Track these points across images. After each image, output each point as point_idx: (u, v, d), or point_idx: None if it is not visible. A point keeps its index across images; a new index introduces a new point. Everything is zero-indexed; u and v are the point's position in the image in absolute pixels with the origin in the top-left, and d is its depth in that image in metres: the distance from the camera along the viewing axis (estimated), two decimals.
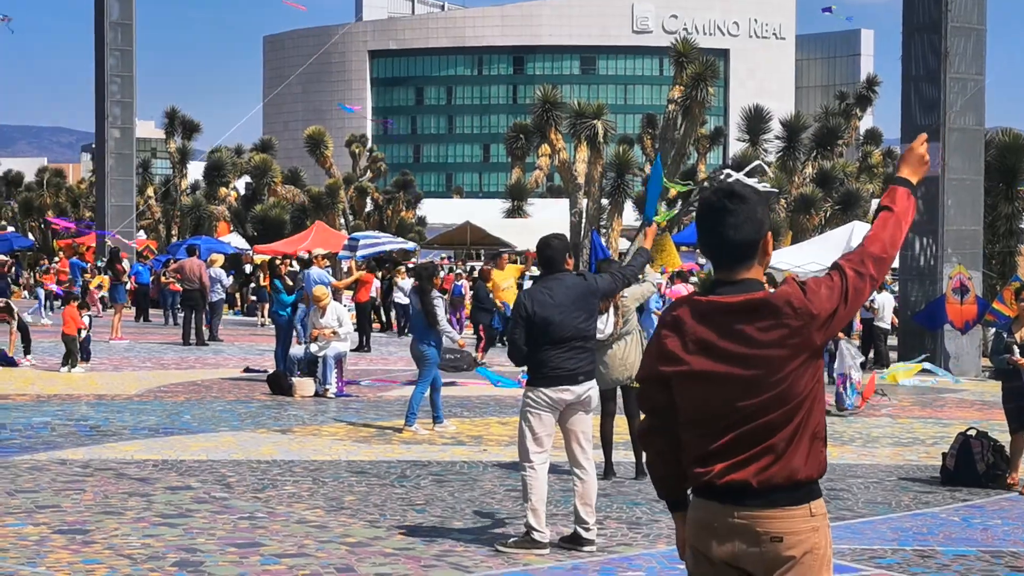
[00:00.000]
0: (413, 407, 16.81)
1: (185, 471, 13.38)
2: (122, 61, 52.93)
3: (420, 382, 17.00)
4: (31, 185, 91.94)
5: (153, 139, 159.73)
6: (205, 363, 26.38)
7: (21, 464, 13.53)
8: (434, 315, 16.87)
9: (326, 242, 44.90)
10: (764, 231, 4.59)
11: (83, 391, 20.77)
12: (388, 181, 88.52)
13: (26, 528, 10.43)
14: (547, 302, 10.17)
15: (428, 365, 16.89)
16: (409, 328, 19.92)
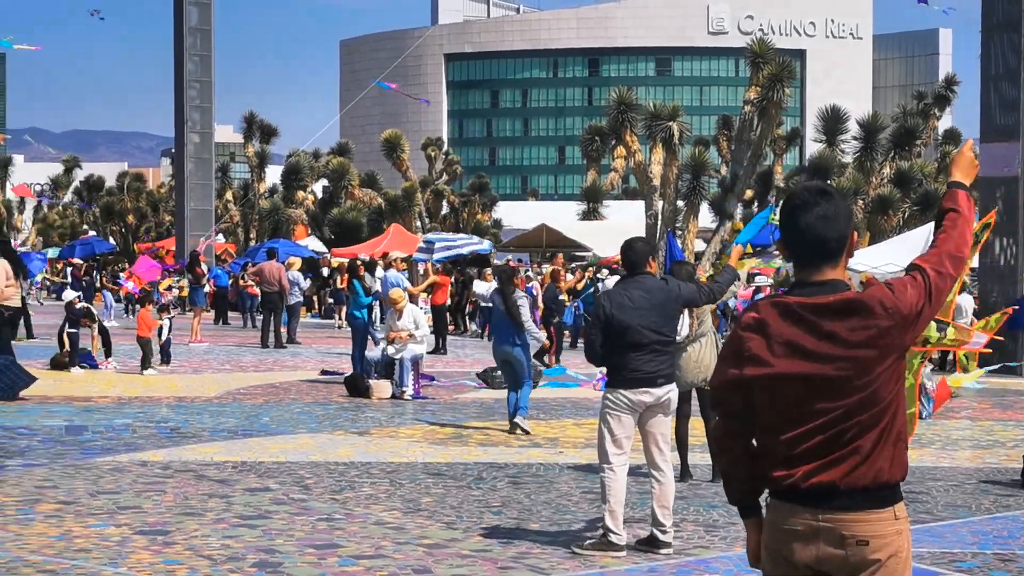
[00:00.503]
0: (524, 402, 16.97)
1: (264, 473, 13.49)
2: (201, 66, 53.45)
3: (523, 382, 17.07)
4: (112, 189, 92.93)
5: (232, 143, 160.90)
6: (283, 365, 26.57)
7: (103, 465, 13.69)
8: (518, 316, 16.92)
9: (402, 245, 45.13)
10: (851, 229, 4.60)
11: (163, 393, 20.99)
12: (464, 184, 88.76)
13: (108, 529, 10.56)
14: (626, 305, 10.19)
15: (521, 365, 16.97)
16: (491, 330, 20.02)
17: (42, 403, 19.23)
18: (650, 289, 10.26)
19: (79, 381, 22.56)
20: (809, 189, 4.64)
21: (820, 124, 62.78)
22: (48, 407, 18.81)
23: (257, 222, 72.50)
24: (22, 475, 13.00)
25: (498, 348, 17.30)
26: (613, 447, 10.19)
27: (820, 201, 4.57)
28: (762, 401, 4.56)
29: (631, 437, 10.27)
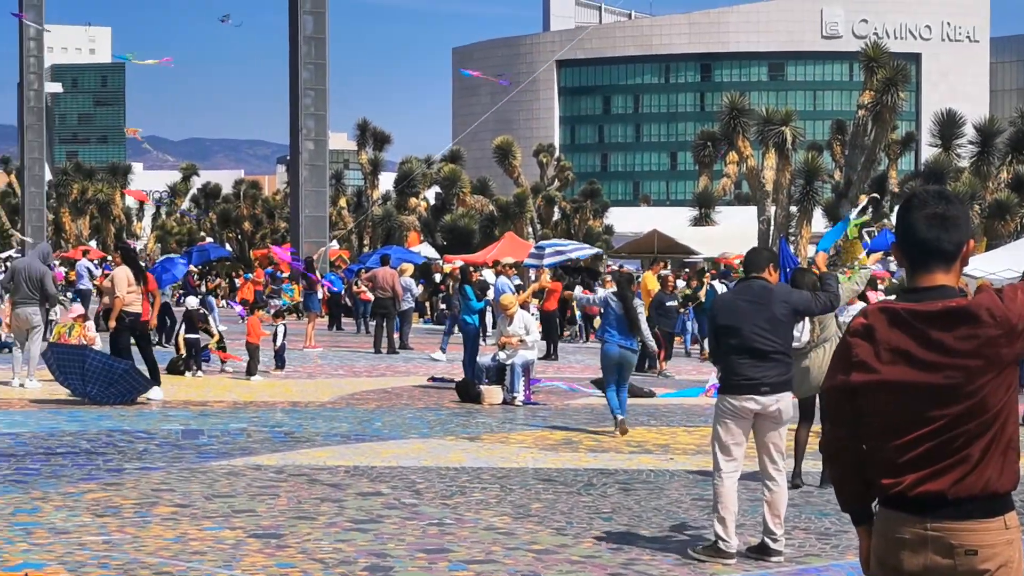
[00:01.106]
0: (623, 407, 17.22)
1: (376, 477, 13.60)
2: (315, 75, 53.99)
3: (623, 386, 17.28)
4: (228, 197, 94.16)
5: (345, 151, 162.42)
6: (396, 371, 26.75)
7: (218, 469, 13.89)
8: (637, 320, 17.09)
9: (514, 251, 45.20)
10: (968, 235, 4.55)
11: (278, 398, 21.23)
12: (575, 190, 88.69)
13: (223, 532, 10.71)
14: (731, 309, 10.21)
15: (631, 368, 17.19)
16: (601, 333, 20.04)
17: (159, 407, 19.55)
18: (758, 295, 10.23)
19: (196, 386, 22.90)
20: (927, 192, 4.61)
21: (935, 128, 61.97)
22: (165, 411, 19.12)
23: (370, 228, 73.08)
24: (139, 478, 13.23)
25: (611, 350, 17.37)
26: (722, 454, 10.17)
27: (937, 204, 4.53)
28: (869, 408, 4.53)
29: (742, 444, 10.23)
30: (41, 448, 15.20)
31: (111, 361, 19.84)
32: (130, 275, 21.49)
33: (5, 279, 23.13)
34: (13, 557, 9.68)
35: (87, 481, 12.99)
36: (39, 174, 77.73)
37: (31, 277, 21.75)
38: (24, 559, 9.62)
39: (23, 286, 21.69)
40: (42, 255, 23.08)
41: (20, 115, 78.86)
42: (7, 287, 22.79)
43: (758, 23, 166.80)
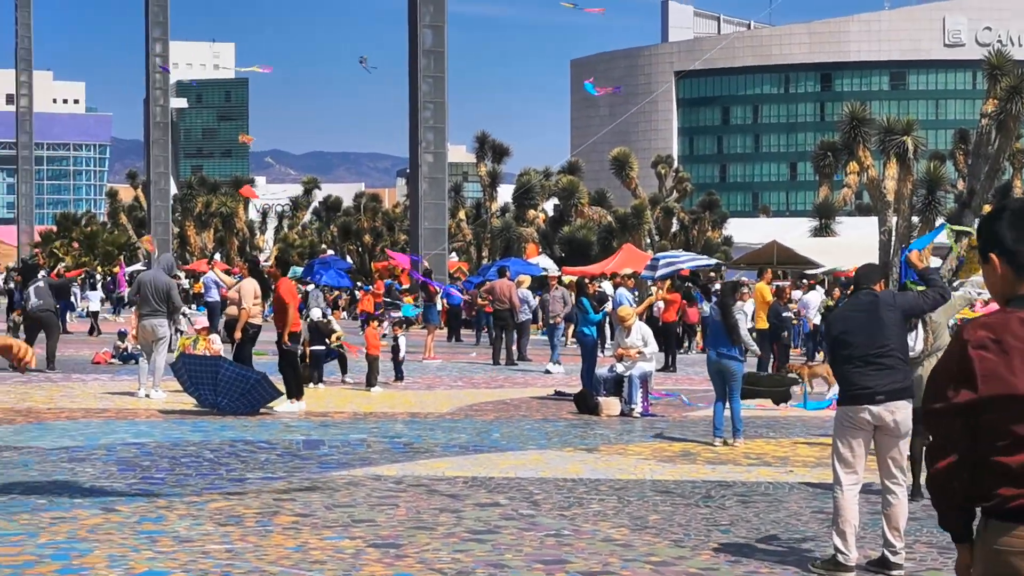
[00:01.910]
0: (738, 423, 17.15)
1: (494, 488, 13.66)
2: (435, 88, 54.34)
3: (733, 397, 17.27)
4: (349, 210, 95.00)
5: (464, 163, 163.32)
6: (514, 382, 26.84)
7: (338, 479, 14.04)
8: (736, 329, 17.15)
9: (632, 262, 45.16)
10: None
11: (398, 409, 21.40)
12: (694, 201, 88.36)
13: (343, 542, 10.83)
14: (844, 320, 10.21)
15: (735, 378, 17.19)
16: (706, 344, 20.03)
17: (282, 417, 19.80)
18: (867, 304, 10.19)
19: (318, 397, 23.14)
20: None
21: None
22: (288, 421, 19.35)
23: (489, 240, 73.37)
24: (261, 488, 13.41)
25: (713, 360, 17.52)
26: (842, 466, 10.10)
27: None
28: (995, 423, 4.45)
29: (861, 456, 10.15)
30: (166, 458, 15.46)
31: (244, 372, 20.13)
32: (257, 288, 21.82)
33: (132, 292, 23.59)
34: (139, 565, 9.86)
35: (210, 490, 13.20)
36: (165, 188, 79.07)
37: (157, 289, 22.15)
38: (149, 567, 9.81)
39: (150, 298, 22.10)
40: (167, 266, 23.49)
41: (147, 130, 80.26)
42: (134, 300, 23.22)
43: (879, 32, 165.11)
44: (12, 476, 13.84)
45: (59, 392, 23.17)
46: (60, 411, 20.21)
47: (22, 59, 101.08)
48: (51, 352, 27.42)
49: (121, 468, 14.57)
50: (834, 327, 10.34)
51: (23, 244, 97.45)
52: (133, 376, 26.22)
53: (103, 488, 13.25)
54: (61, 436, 17.24)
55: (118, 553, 10.24)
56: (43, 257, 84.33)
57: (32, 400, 21.69)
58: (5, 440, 16.69)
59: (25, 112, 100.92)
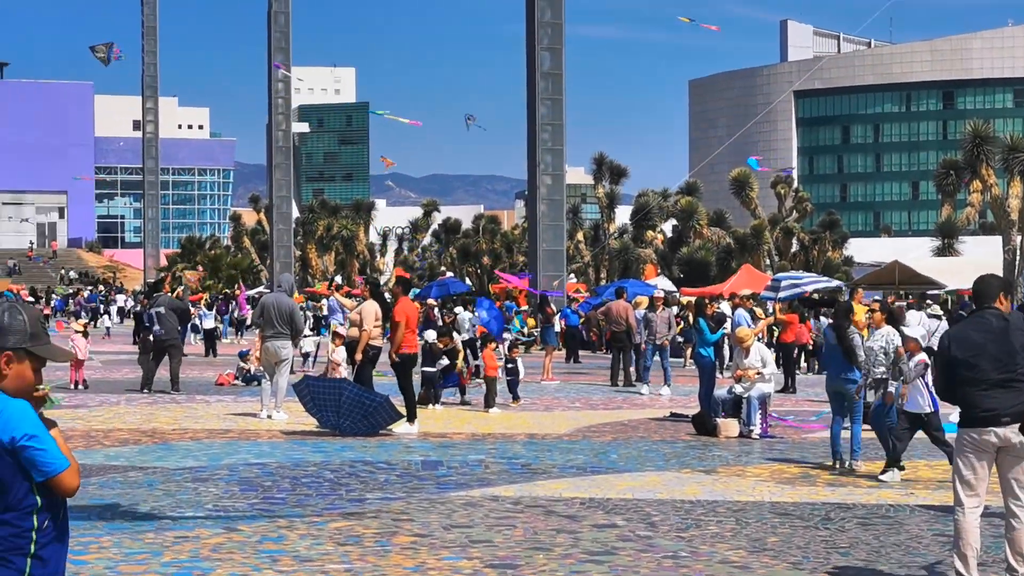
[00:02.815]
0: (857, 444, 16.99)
1: (611, 509, 13.66)
2: (553, 110, 54.46)
3: (854, 420, 17.12)
4: (468, 232, 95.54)
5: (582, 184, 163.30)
6: (632, 403, 26.80)
7: (456, 500, 14.12)
8: (853, 351, 17.01)
9: (750, 283, 44.91)
10: None
11: (516, 430, 21.46)
12: (814, 221, 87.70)
13: (460, 562, 10.90)
14: (965, 341, 9.94)
15: (853, 400, 17.06)
16: (821, 365, 19.89)
17: (401, 438, 19.95)
18: (993, 325, 9.95)
19: (437, 418, 23.30)
20: None
21: None
22: (406, 443, 19.50)
23: (607, 262, 73.33)
24: (380, 508, 13.53)
25: (831, 381, 17.44)
26: (964, 489, 9.95)
27: None
28: None
29: (984, 478, 10.00)
30: (287, 478, 15.65)
31: (366, 394, 20.32)
32: (378, 310, 22.03)
33: (255, 314, 23.91)
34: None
35: (330, 510, 13.34)
36: (287, 211, 79.99)
37: (280, 311, 22.46)
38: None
39: (273, 320, 22.41)
40: (288, 288, 23.79)
41: (269, 155, 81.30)
42: (257, 322, 23.55)
43: (1003, 48, 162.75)
44: (137, 496, 14.10)
45: (183, 413, 23.55)
46: (184, 432, 20.54)
47: (148, 86, 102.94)
48: (174, 375, 27.87)
49: (243, 488, 14.78)
50: (957, 349, 10.00)
51: (149, 268, 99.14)
52: (256, 397, 26.57)
53: (225, 508, 13.45)
54: (185, 456, 17.53)
55: (239, 572, 10.40)
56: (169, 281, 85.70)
57: (157, 421, 22.07)
58: (131, 460, 17.01)
59: (151, 138, 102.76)
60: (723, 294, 43.66)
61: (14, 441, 4.93)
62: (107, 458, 16.86)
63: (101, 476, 15.45)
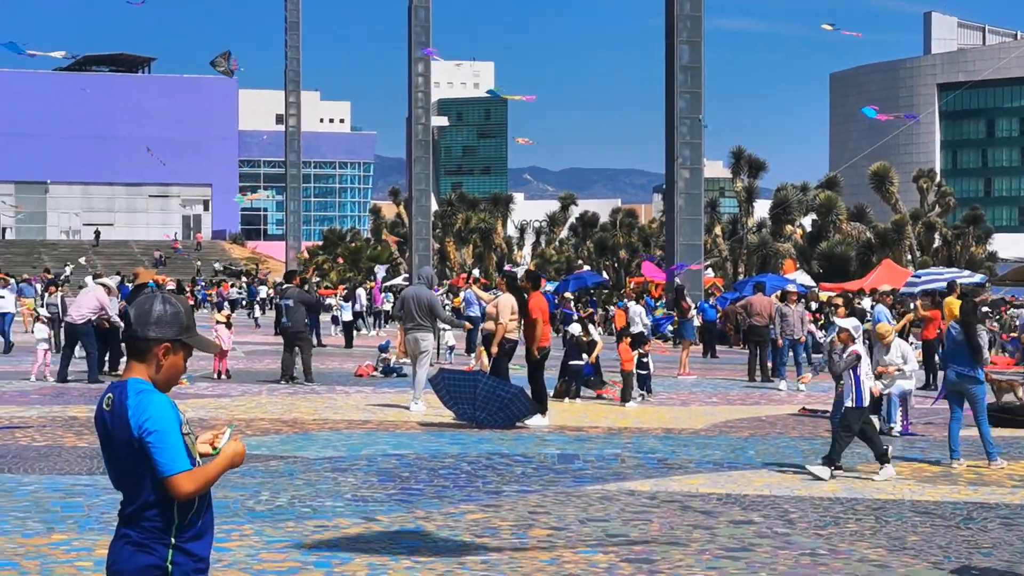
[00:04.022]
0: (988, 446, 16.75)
1: (748, 505, 13.59)
2: (691, 104, 54.23)
3: (980, 421, 16.89)
4: (605, 225, 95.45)
5: (721, 179, 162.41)
6: (771, 399, 26.60)
7: (592, 494, 14.13)
8: (980, 351, 16.78)
9: (891, 279, 44.30)
10: None
11: (652, 425, 21.42)
12: (957, 216, 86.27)
13: (596, 556, 10.91)
14: None
15: (975, 399, 16.81)
16: (945, 362, 19.61)
17: (537, 431, 20.00)
18: None
19: (572, 411, 23.33)
20: None
21: None
22: (543, 436, 19.55)
23: (745, 256, 72.83)
24: (517, 501, 13.59)
25: (952, 380, 17.20)
26: None
27: None
28: None
29: None
30: (425, 469, 15.78)
31: (501, 386, 20.42)
32: (514, 303, 22.12)
33: (397, 307, 24.16)
34: (397, 574, 10.11)
35: (467, 502, 13.43)
36: (426, 205, 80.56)
37: (420, 303, 22.69)
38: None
39: (413, 312, 22.66)
40: (427, 280, 23.99)
41: (408, 148, 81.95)
42: (399, 315, 23.85)
43: None
44: (278, 485, 14.31)
45: (323, 404, 23.84)
46: (324, 422, 20.79)
47: (291, 80, 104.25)
48: (307, 366, 28.21)
49: (382, 479, 14.93)
50: None
51: (291, 260, 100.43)
52: (395, 389, 26.86)
53: (364, 498, 13.60)
54: (325, 447, 17.75)
55: (378, 562, 10.51)
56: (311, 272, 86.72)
57: (298, 411, 22.37)
58: (272, 449, 17.27)
59: (293, 132, 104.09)
60: (863, 290, 43.16)
61: (140, 431, 5.04)
62: (249, 448, 17.12)
63: (243, 465, 15.69)
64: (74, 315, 27.40)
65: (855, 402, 15.83)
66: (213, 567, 7.50)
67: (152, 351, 5.21)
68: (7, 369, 30.85)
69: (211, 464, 5.13)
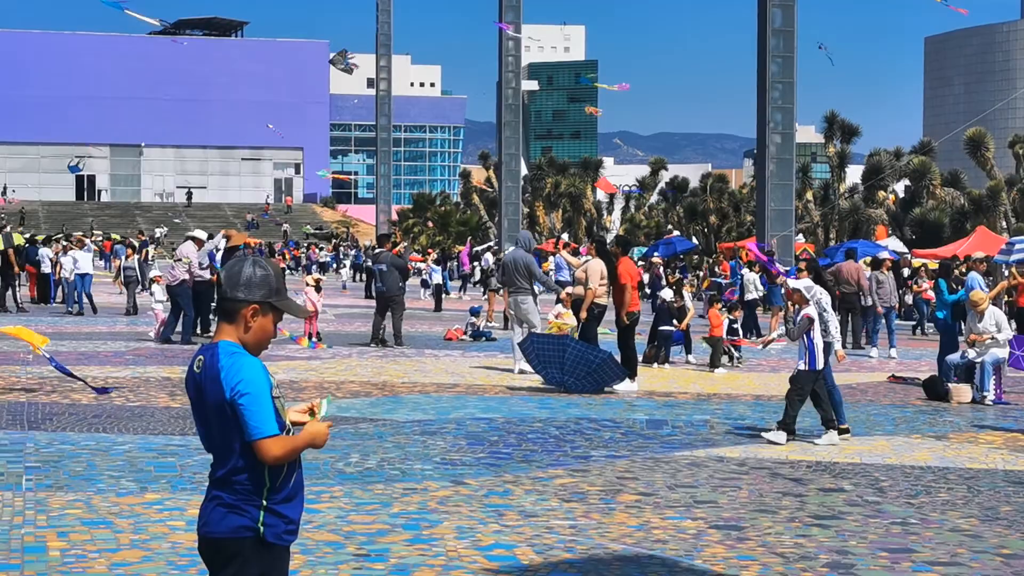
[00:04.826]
0: None
1: (838, 473, 13.49)
2: (783, 68, 53.69)
3: None
4: (695, 190, 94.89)
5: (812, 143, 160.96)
6: (860, 367, 26.37)
7: (681, 460, 14.10)
8: None
9: (985, 246, 43.77)
10: None
11: (741, 391, 21.32)
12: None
13: (684, 522, 10.89)
14: None
15: None
16: None
17: (624, 397, 19.98)
18: None
19: (661, 377, 23.29)
20: None
21: None
22: (631, 401, 19.52)
23: (836, 222, 72.16)
24: (605, 466, 13.59)
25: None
26: None
27: None
28: None
29: None
30: (513, 433, 15.82)
31: (590, 351, 20.42)
32: (603, 268, 22.09)
33: (498, 274, 24.37)
34: (485, 538, 10.15)
35: (555, 467, 13.45)
36: (515, 169, 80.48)
37: (518, 267, 22.88)
38: (495, 540, 10.08)
39: (513, 277, 22.89)
40: (525, 243, 24.05)
41: (498, 112, 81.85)
42: (501, 280, 24.09)
43: None
44: (368, 447, 14.41)
45: (413, 367, 23.95)
46: (413, 385, 20.90)
47: (382, 44, 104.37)
48: (397, 329, 28.33)
49: (470, 442, 14.98)
50: None
51: (381, 223, 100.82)
52: (484, 353, 26.96)
53: (453, 461, 13.66)
54: (414, 410, 17.84)
55: (466, 525, 10.56)
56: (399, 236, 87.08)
57: (388, 374, 22.49)
58: (362, 412, 17.38)
59: (384, 96, 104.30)
60: (957, 256, 42.63)
61: (232, 394, 5.07)
62: (339, 410, 17.25)
63: (333, 428, 15.78)
64: (168, 277, 28.02)
65: (808, 365, 15.69)
66: (303, 528, 7.57)
67: (240, 313, 5.23)
68: (100, 330, 31.27)
69: (297, 436, 5.17)
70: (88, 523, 10.36)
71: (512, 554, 9.63)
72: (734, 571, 9.26)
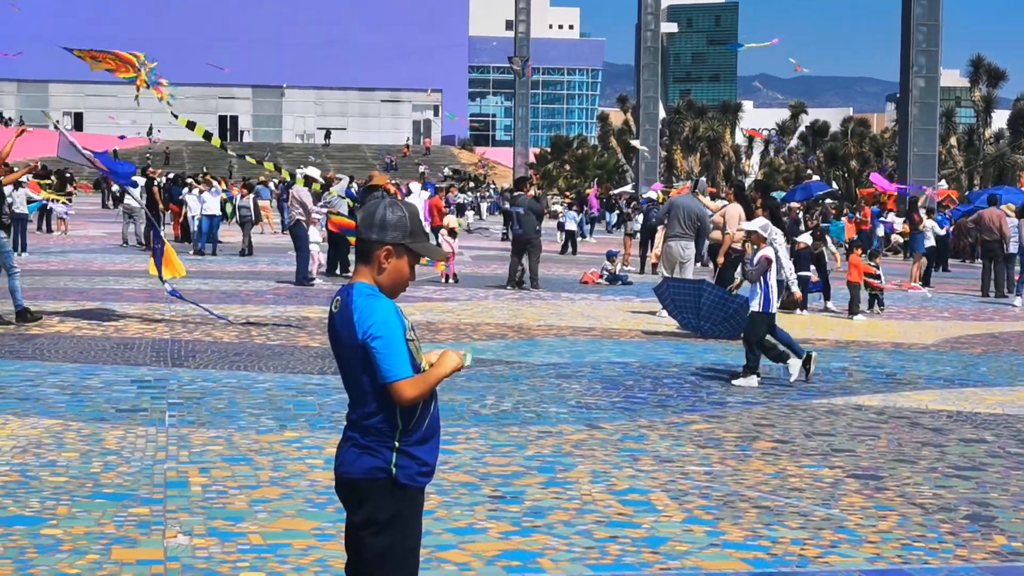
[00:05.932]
0: None
1: (980, 424, 13.27)
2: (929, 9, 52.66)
3: None
4: (836, 135, 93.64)
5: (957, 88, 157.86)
6: (1004, 316, 25.90)
7: (818, 407, 13.97)
8: None
9: None
10: None
11: (880, 339, 21.05)
12: None
13: (821, 470, 10.79)
14: None
15: None
16: None
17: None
18: None
19: (799, 323, 23.06)
20: None
21: None
22: None
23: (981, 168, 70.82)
24: (741, 412, 13.51)
25: None
26: None
27: None
28: None
29: None
30: (649, 378, 15.78)
31: (727, 297, 20.27)
32: (741, 213, 21.91)
33: (662, 214, 24.12)
34: (620, 482, 10.15)
35: (691, 412, 13.40)
36: (653, 112, 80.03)
37: (688, 213, 22.65)
38: (630, 484, 10.07)
39: (678, 221, 22.64)
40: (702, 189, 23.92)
41: (637, 55, 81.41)
42: (663, 220, 23.86)
43: None
44: (503, 389, 14.47)
45: (548, 310, 23.98)
46: (549, 328, 20.92)
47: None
48: (533, 272, 28.36)
49: (605, 386, 14.98)
50: None
51: (518, 166, 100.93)
52: (620, 296, 26.92)
53: (588, 404, 13.67)
54: (549, 353, 17.87)
55: (600, 469, 10.56)
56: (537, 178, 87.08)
57: (523, 317, 22.54)
58: (498, 354, 17.44)
59: (523, 38, 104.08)
60: None
61: (365, 336, 5.09)
62: (475, 351, 17.33)
63: (468, 369, 15.90)
64: (287, 218, 28.37)
65: (762, 306, 15.35)
66: (439, 468, 7.61)
67: (375, 254, 5.24)
68: (243, 269, 31.73)
69: (429, 372, 5.16)
70: (229, 459, 10.53)
71: (646, 499, 9.62)
72: (872, 521, 9.16)
